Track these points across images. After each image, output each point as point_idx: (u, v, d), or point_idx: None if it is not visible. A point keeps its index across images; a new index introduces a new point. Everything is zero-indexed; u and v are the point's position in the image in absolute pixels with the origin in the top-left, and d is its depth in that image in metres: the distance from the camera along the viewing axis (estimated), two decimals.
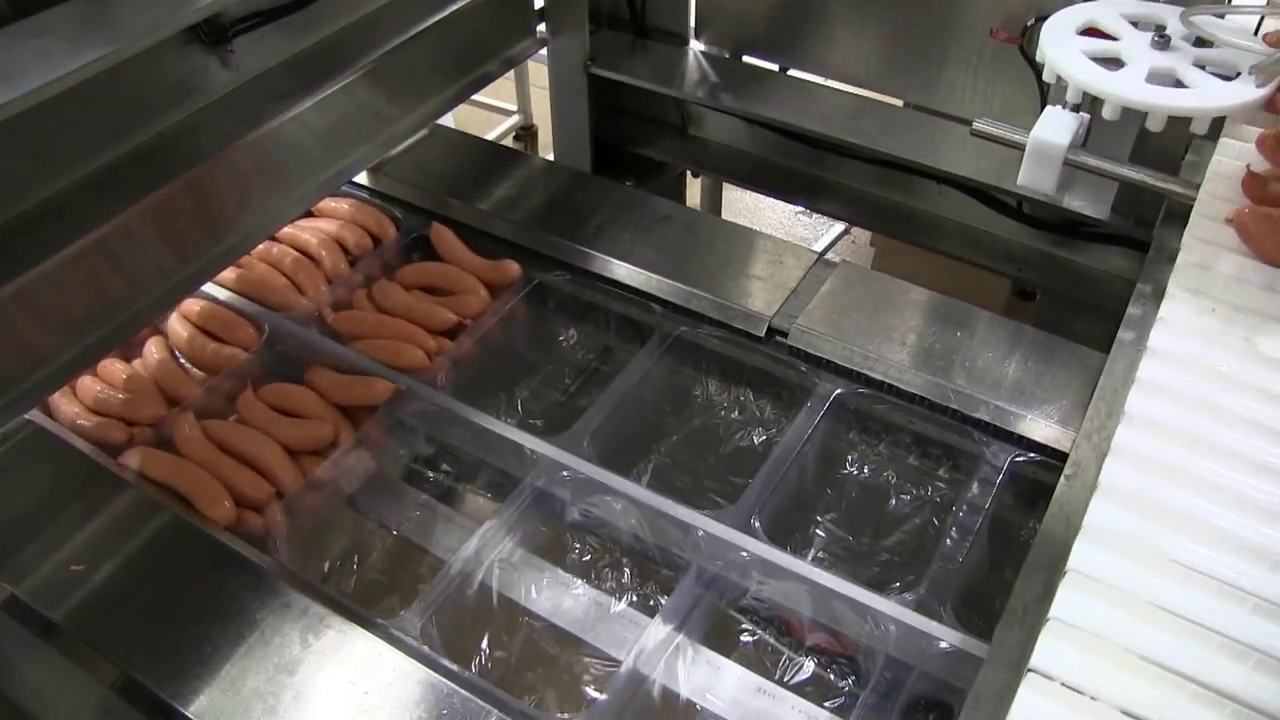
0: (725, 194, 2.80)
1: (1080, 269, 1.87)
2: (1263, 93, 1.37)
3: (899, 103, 2.04)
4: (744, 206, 3.48)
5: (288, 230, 1.79)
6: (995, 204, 1.88)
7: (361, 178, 1.90)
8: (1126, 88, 1.39)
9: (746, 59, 2.09)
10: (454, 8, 1.67)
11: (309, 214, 1.84)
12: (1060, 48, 1.46)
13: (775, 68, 2.08)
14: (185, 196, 1.32)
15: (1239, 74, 1.41)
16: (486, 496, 1.57)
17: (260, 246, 1.75)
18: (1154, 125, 1.40)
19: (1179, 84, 1.40)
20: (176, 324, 1.66)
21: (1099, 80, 1.39)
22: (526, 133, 3.50)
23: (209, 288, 1.68)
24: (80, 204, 1.22)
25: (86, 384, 1.56)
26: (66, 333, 1.23)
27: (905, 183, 1.96)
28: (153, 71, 1.28)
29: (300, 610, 1.23)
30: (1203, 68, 1.43)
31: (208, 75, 1.36)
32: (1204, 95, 1.38)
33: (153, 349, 1.63)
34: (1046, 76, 1.47)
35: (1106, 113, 1.41)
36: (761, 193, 2.39)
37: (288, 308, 1.67)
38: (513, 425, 1.47)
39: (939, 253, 2.01)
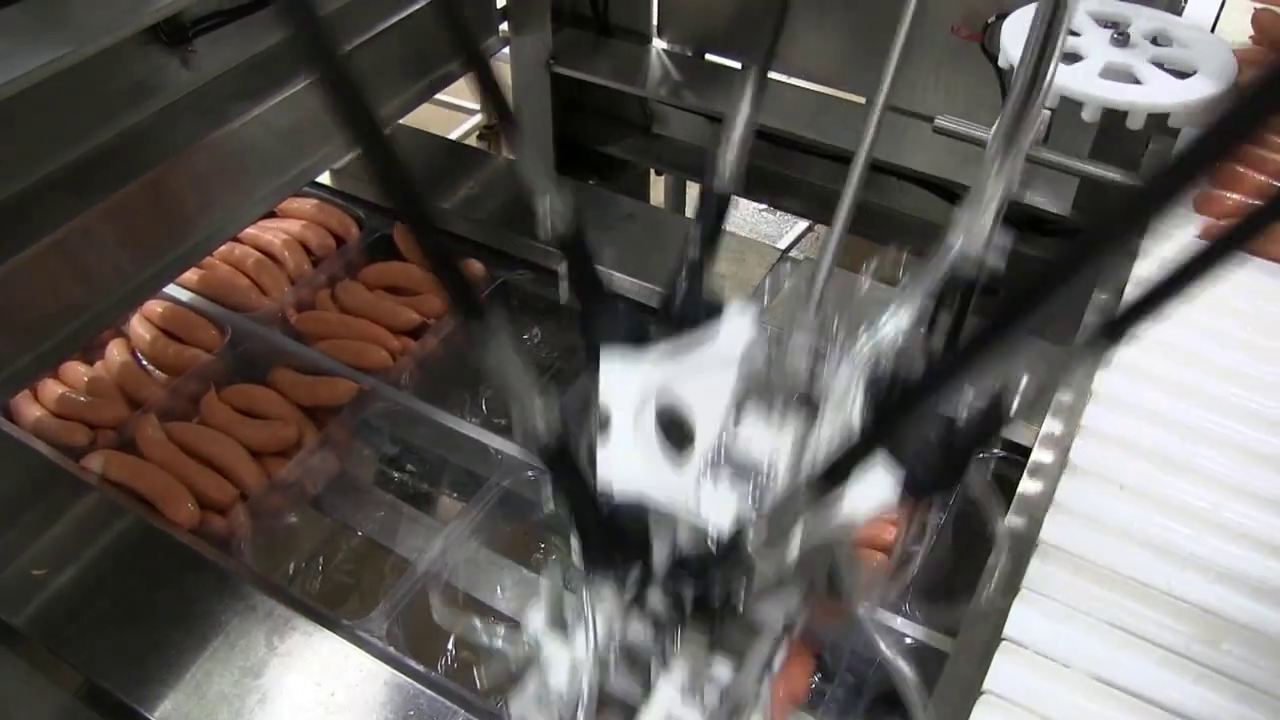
0: (689, 192, 2.81)
1: (1041, 264, 1.89)
2: (1214, 91, 1.39)
3: (862, 100, 2.06)
4: None
5: (250, 231, 1.78)
6: (958, 200, 1.90)
7: (324, 178, 1.89)
8: (1078, 81, 1.40)
9: (709, 57, 2.10)
10: (415, 7, 1.66)
11: (271, 214, 1.83)
12: (1022, 44, 1.47)
13: (738, 66, 2.09)
14: (146, 197, 1.31)
15: (1194, 71, 1.42)
16: (452, 496, 1.57)
17: (222, 247, 1.74)
18: (1133, 123, 1.42)
19: (1135, 80, 1.42)
20: (138, 326, 1.65)
21: (1059, 77, 1.41)
22: (490, 132, 3.49)
23: (171, 289, 1.67)
24: (39, 205, 1.21)
25: (48, 386, 1.55)
26: (27, 335, 1.21)
27: (868, 180, 1.96)
28: (112, 71, 1.27)
29: (265, 612, 1.22)
30: (1160, 65, 1.45)
31: (168, 75, 1.36)
32: (1154, 91, 1.40)
33: (115, 351, 1.62)
34: (1002, 64, 1.49)
35: (1051, 102, 1.43)
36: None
37: (250, 308, 1.66)
38: (477, 425, 1.47)
39: (899, 248, 2.02)
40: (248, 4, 1.40)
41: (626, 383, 0.72)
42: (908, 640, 1.22)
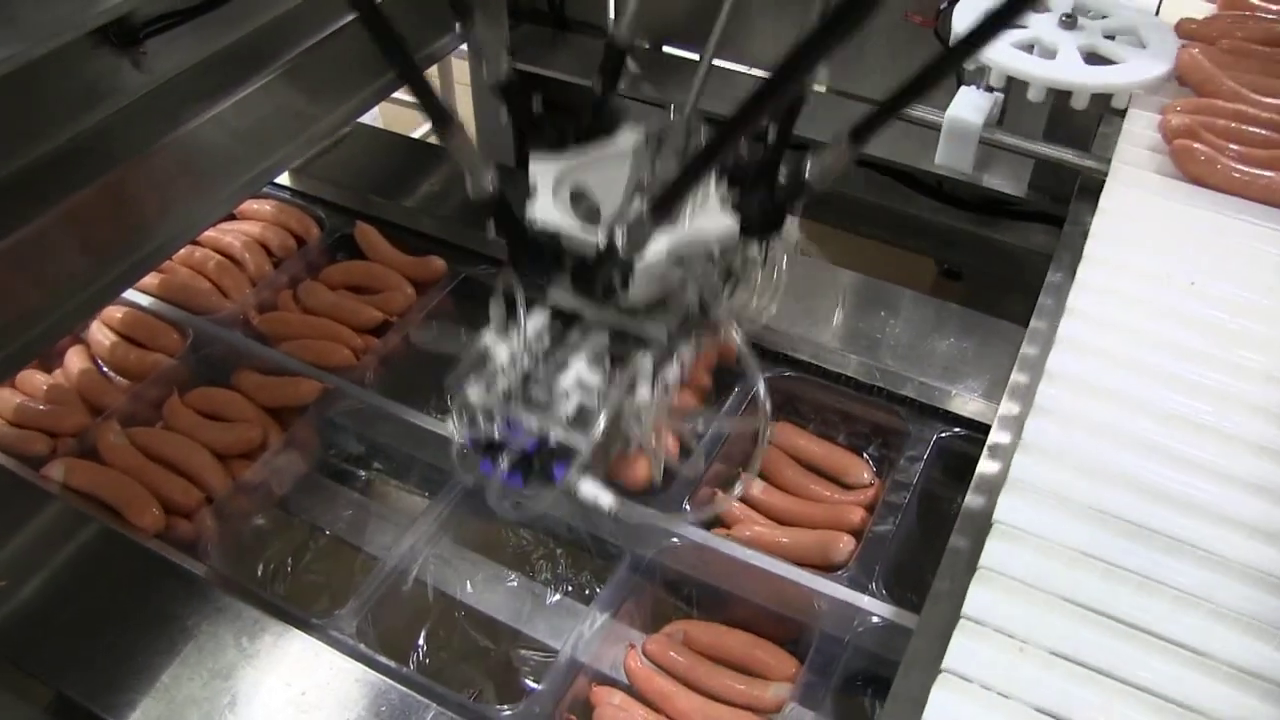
0: None
1: (1002, 246, 1.91)
2: (1162, 70, 1.42)
3: (820, 87, 2.06)
4: None
5: (210, 233, 1.77)
6: (916, 185, 1.91)
7: (284, 178, 1.88)
8: (1029, 64, 1.42)
9: (667, 49, 2.10)
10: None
11: (231, 216, 1.82)
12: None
13: (695, 57, 2.09)
14: (102, 202, 1.30)
15: (1143, 50, 1.45)
16: (419, 493, 1.56)
17: (182, 251, 1.73)
18: (1078, 104, 1.44)
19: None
20: (98, 332, 1.63)
21: (1006, 59, 1.43)
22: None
23: (131, 294, 1.66)
24: None
25: (5, 396, 1.53)
26: None
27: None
28: (62, 74, 1.26)
29: (234, 614, 1.21)
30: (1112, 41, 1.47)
31: (120, 77, 1.34)
32: (1101, 72, 1.43)
33: (74, 358, 1.61)
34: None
35: (993, 80, 1.47)
36: None
37: (212, 311, 1.65)
38: (442, 420, 1.46)
39: (862, 235, 2.03)
40: (199, 5, 1.38)
41: (549, 169, 1.10)
42: (874, 620, 1.23)
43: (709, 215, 1.12)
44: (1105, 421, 1.04)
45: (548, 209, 1.12)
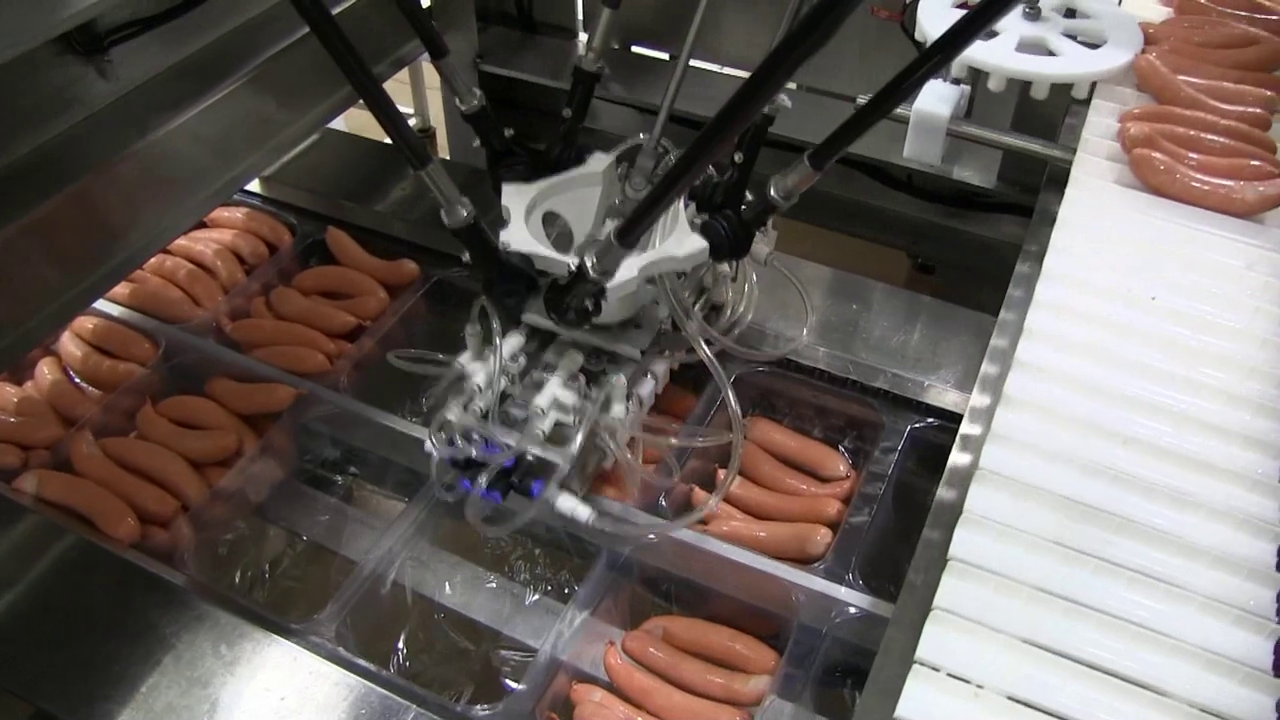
0: None
1: (973, 239, 1.92)
2: (1125, 60, 1.43)
3: (791, 85, 2.07)
4: None
5: (181, 242, 1.76)
6: (887, 179, 1.92)
7: (254, 185, 1.87)
8: (996, 56, 1.43)
9: (635, 49, 2.11)
10: (339, 9, 1.65)
11: (202, 224, 1.81)
12: (937, 21, 1.50)
13: (665, 56, 2.10)
14: (71, 211, 1.29)
15: (1104, 43, 1.46)
16: (395, 496, 1.56)
17: (153, 259, 1.72)
18: (1038, 93, 1.45)
19: (1049, 52, 1.45)
20: (69, 343, 1.62)
21: (973, 51, 1.44)
22: (425, 134, 3.48)
23: (101, 304, 1.65)
24: None
25: None
26: None
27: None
28: (26, 82, 1.26)
29: (212, 622, 1.21)
30: (1073, 38, 1.48)
31: (85, 86, 1.34)
32: (1066, 63, 1.44)
33: (45, 369, 1.59)
34: (919, 38, 1.51)
35: (956, 71, 1.49)
36: None
37: (184, 320, 1.65)
38: (417, 424, 1.46)
39: (835, 230, 2.04)
40: (164, 12, 1.38)
41: (521, 196, 1.22)
42: (851, 610, 1.23)
43: (679, 237, 1.18)
44: (1076, 412, 1.06)
45: (520, 234, 1.19)
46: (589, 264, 1.02)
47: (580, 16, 2.11)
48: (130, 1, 1.34)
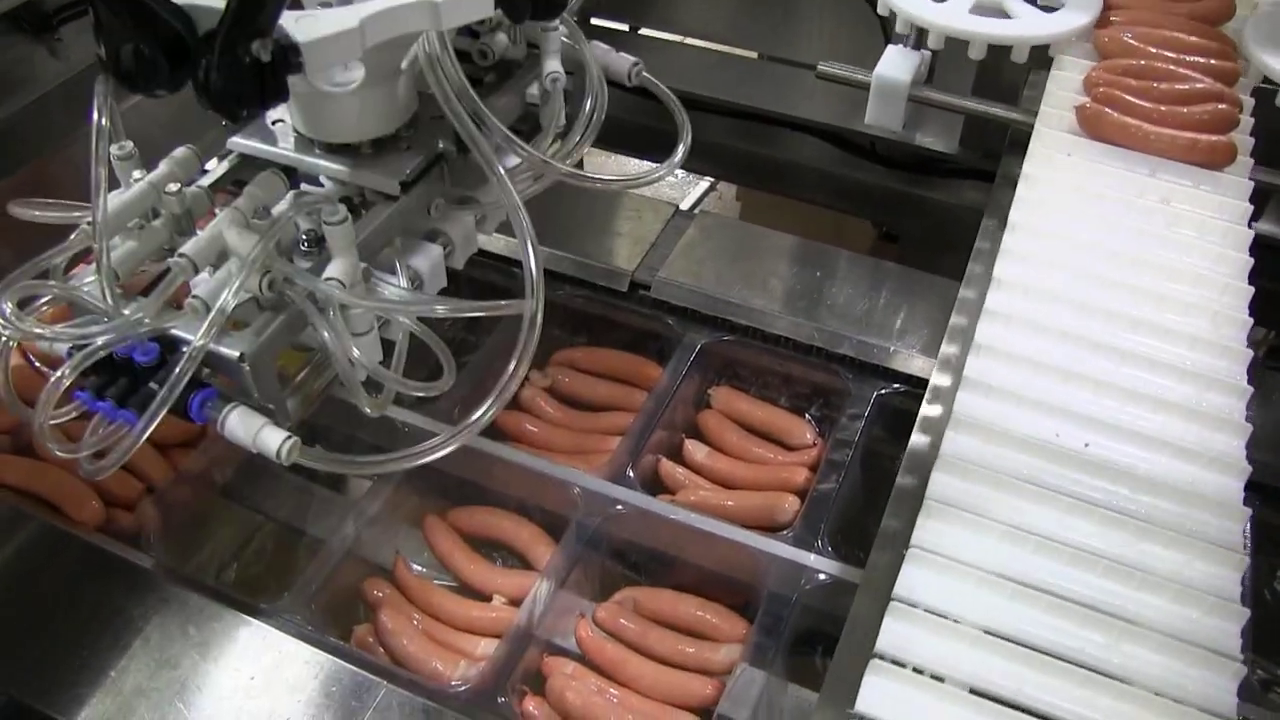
0: (588, 159, 2.80)
1: (936, 205, 1.92)
2: (1084, 22, 1.43)
3: (754, 55, 2.07)
4: (609, 170, 3.47)
5: None
6: (850, 146, 1.92)
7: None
8: (952, 18, 1.43)
9: (595, 21, 2.09)
10: None
11: None
12: None
13: (625, 27, 2.09)
14: (22, 193, 1.27)
15: (1062, 5, 1.46)
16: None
17: None
18: (974, 53, 1.45)
19: (1004, 14, 1.45)
20: None
21: (925, 12, 1.44)
22: None
23: None
24: None
25: None
26: None
27: (763, 133, 1.98)
28: None
29: (180, 604, 1.20)
30: (1031, 1, 1.48)
31: (36, 65, 1.32)
32: (1026, 25, 1.44)
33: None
34: (881, 11, 1.51)
35: (931, 42, 1.47)
36: (621, 154, 2.39)
37: None
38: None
39: (800, 199, 2.04)
40: None
41: None
42: (821, 577, 1.24)
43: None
44: (1037, 393, 1.06)
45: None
46: None
47: None
48: None
